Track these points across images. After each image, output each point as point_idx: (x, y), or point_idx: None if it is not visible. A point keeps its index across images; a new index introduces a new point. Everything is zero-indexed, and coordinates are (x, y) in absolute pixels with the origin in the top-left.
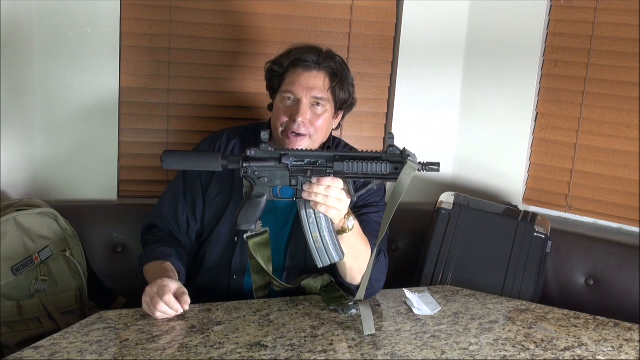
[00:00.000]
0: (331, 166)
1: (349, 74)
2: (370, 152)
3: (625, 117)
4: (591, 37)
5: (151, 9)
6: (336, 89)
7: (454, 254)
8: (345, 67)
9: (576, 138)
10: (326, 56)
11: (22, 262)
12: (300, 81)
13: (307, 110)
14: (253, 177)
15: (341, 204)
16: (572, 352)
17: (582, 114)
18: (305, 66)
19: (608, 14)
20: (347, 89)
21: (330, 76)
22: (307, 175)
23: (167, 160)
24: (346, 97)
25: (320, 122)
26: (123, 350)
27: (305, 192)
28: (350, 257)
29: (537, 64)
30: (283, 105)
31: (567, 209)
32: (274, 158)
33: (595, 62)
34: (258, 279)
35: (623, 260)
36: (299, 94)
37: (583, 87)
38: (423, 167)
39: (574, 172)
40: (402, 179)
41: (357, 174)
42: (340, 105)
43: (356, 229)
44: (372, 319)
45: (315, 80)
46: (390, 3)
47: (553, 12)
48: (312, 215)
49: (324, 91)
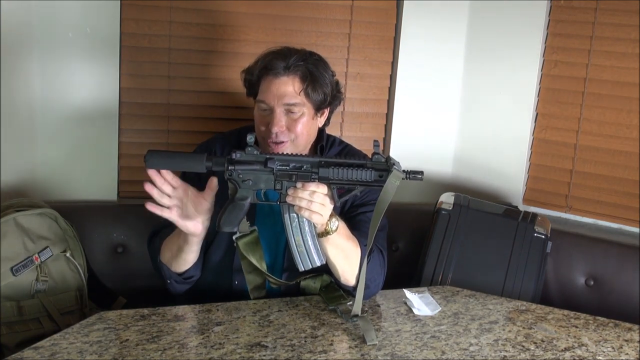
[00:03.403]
0: (316, 172)
1: (324, 72)
2: (355, 160)
3: (625, 117)
4: (591, 38)
5: (151, 9)
6: (309, 91)
7: (454, 254)
8: (320, 65)
9: (576, 138)
10: (297, 58)
11: (22, 263)
12: (270, 89)
13: (282, 119)
14: (237, 180)
15: (324, 209)
16: (572, 353)
17: (582, 114)
18: (274, 73)
19: (608, 14)
20: (321, 90)
21: (301, 79)
22: (292, 179)
23: (150, 160)
24: (322, 98)
25: (299, 127)
26: (123, 351)
27: (289, 196)
28: (340, 258)
29: (537, 64)
30: (260, 114)
31: (567, 209)
32: (259, 162)
33: (595, 63)
34: (253, 279)
35: (623, 261)
36: (271, 102)
37: (583, 88)
38: (407, 176)
39: (574, 172)
40: (387, 188)
41: (342, 180)
42: (319, 106)
43: (342, 229)
44: (372, 330)
45: (285, 87)
46: (390, 3)
47: (553, 12)
48: (295, 220)
49: (295, 96)
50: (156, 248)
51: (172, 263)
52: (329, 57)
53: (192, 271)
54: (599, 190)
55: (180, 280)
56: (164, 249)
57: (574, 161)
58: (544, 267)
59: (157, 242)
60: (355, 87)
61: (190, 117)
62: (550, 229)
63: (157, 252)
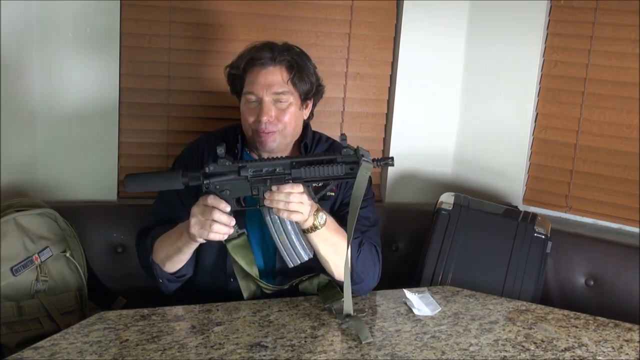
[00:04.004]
0: (289, 173)
1: (308, 62)
2: (326, 155)
3: (625, 117)
4: (591, 38)
5: (151, 9)
6: (296, 80)
7: (454, 254)
8: (303, 56)
9: (576, 138)
10: (281, 49)
11: (22, 263)
12: (258, 80)
13: (271, 108)
14: (215, 191)
15: (303, 207)
16: (572, 353)
17: (582, 114)
18: (261, 64)
19: (608, 14)
20: (308, 79)
21: (287, 69)
22: (267, 184)
23: (130, 184)
24: (308, 87)
25: (286, 117)
26: (123, 351)
27: (267, 199)
28: (330, 253)
29: (537, 64)
30: (247, 107)
31: (567, 209)
32: (233, 171)
33: (595, 63)
34: (246, 285)
35: (623, 261)
36: (259, 93)
37: (583, 88)
38: (378, 163)
39: (574, 172)
40: (358, 180)
41: (315, 177)
42: (305, 96)
43: (330, 224)
44: (366, 328)
45: (272, 76)
46: (390, 3)
47: (553, 12)
48: (277, 221)
49: (283, 85)
50: (147, 247)
51: (165, 263)
52: (329, 57)
53: (185, 269)
54: (599, 190)
55: (172, 279)
56: (157, 249)
57: (574, 161)
58: (544, 267)
59: (149, 242)
60: (355, 87)
61: (190, 117)
62: (550, 229)
63: (149, 252)
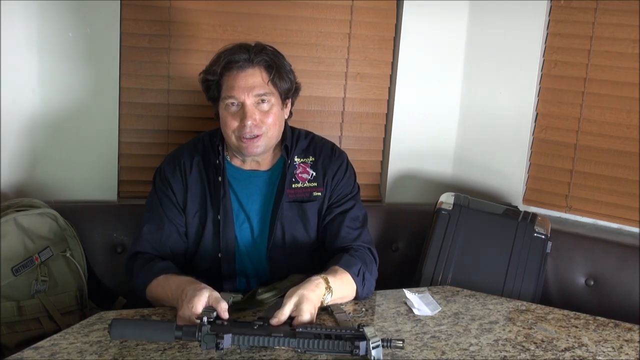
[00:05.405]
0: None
1: (284, 61)
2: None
3: (625, 117)
4: (591, 38)
5: (151, 9)
6: (276, 80)
7: (454, 254)
8: (278, 55)
9: (576, 138)
10: (256, 50)
11: (22, 263)
12: (238, 83)
13: (254, 111)
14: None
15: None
16: (572, 353)
17: (582, 114)
18: (239, 67)
19: (608, 14)
20: (287, 77)
21: (266, 69)
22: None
23: (115, 331)
24: (288, 86)
25: (270, 118)
26: (123, 351)
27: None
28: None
29: (537, 64)
30: (229, 112)
31: (567, 209)
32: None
33: (595, 63)
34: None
35: (623, 261)
36: (240, 96)
37: (583, 88)
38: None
39: (574, 172)
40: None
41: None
42: (286, 95)
43: (336, 291)
44: None
45: (252, 78)
46: (390, 3)
47: (553, 12)
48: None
49: (264, 86)
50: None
51: (157, 301)
52: (329, 57)
53: None
54: (599, 190)
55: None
56: (155, 289)
57: (574, 161)
58: (544, 267)
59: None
60: (355, 87)
61: (190, 117)
62: (550, 229)
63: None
